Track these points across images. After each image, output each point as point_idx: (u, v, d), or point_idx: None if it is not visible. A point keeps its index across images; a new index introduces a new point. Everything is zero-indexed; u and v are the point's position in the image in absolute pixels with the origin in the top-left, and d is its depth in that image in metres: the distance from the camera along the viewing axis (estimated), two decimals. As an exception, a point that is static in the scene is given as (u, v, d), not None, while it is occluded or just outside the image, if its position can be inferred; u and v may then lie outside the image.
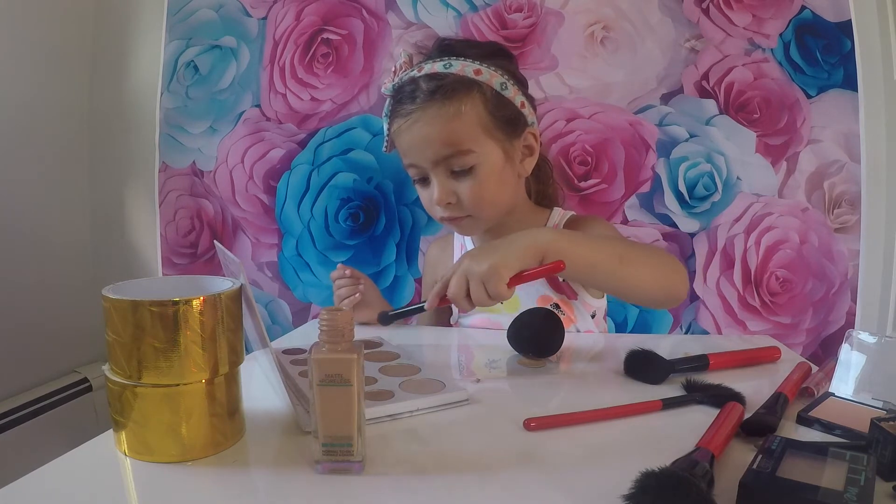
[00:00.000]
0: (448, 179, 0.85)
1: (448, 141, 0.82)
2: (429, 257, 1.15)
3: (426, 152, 0.84)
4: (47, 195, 1.44)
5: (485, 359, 0.81)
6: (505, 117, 0.85)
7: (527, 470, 0.48)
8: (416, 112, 0.83)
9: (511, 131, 0.86)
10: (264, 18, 1.46)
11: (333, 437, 0.46)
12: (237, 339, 0.52)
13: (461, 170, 0.84)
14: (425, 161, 0.84)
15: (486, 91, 0.83)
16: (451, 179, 0.85)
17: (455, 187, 0.85)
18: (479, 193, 0.85)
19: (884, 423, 0.47)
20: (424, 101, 0.82)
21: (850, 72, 1.32)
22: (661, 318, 1.40)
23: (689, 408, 0.60)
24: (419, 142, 0.84)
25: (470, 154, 0.83)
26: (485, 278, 0.65)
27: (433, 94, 0.82)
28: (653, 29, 1.36)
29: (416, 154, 0.85)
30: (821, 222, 1.36)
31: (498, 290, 0.65)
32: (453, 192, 0.85)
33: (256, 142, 1.48)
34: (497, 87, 0.84)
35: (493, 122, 0.84)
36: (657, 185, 1.38)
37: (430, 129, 0.82)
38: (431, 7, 1.41)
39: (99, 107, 1.53)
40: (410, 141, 0.84)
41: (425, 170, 0.86)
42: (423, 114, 0.82)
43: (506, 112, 0.85)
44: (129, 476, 0.47)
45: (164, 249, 1.53)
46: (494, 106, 0.84)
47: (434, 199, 0.85)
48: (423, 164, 0.85)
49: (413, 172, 0.88)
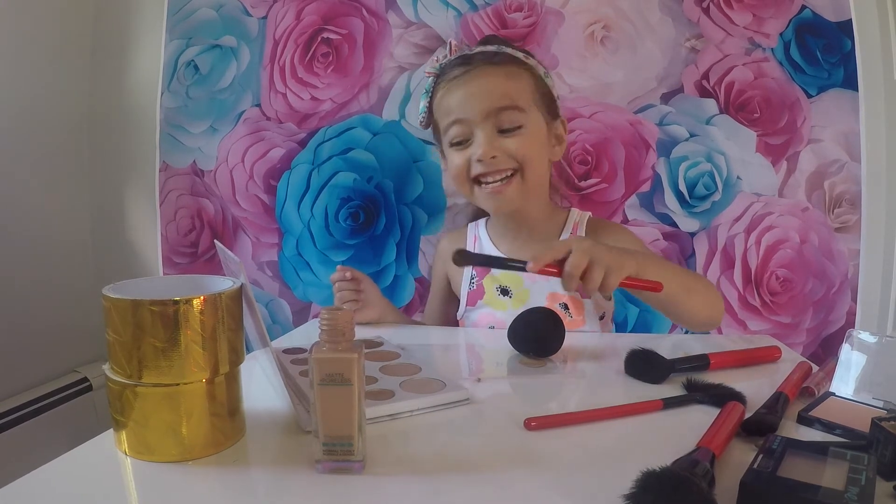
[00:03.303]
0: (495, 135, 0.88)
1: (505, 93, 0.87)
2: (440, 250, 1.15)
3: (482, 103, 0.87)
4: (47, 195, 1.44)
5: (485, 358, 0.81)
6: (547, 98, 0.93)
7: (527, 470, 0.48)
8: (474, 70, 0.88)
9: (551, 113, 0.94)
10: (264, 18, 1.46)
11: (334, 436, 0.46)
12: (237, 339, 0.52)
13: (510, 127, 0.87)
14: (477, 113, 0.87)
15: (534, 72, 0.92)
16: (498, 136, 0.88)
17: (501, 143, 0.88)
18: (527, 146, 0.88)
19: (884, 422, 0.47)
20: (482, 63, 0.88)
21: (850, 71, 1.32)
22: (662, 317, 1.39)
23: (690, 407, 0.60)
24: (476, 93, 0.87)
25: (522, 112, 0.87)
26: (611, 269, 0.65)
27: (492, 58, 0.89)
28: (653, 28, 1.36)
29: (468, 107, 0.88)
30: (821, 222, 1.36)
31: (614, 282, 0.65)
32: (499, 147, 0.87)
33: (257, 141, 1.48)
34: (541, 74, 0.93)
35: (540, 97, 0.91)
36: (657, 184, 1.38)
37: (489, 82, 0.87)
38: (431, 6, 1.41)
39: (99, 106, 1.53)
40: (464, 95, 0.88)
41: (471, 125, 0.88)
42: (482, 71, 0.88)
43: (547, 95, 0.93)
44: (129, 476, 0.47)
45: (164, 249, 1.53)
46: (539, 86, 0.92)
47: (479, 154, 0.87)
48: (473, 117, 0.87)
49: (455, 132, 0.90)
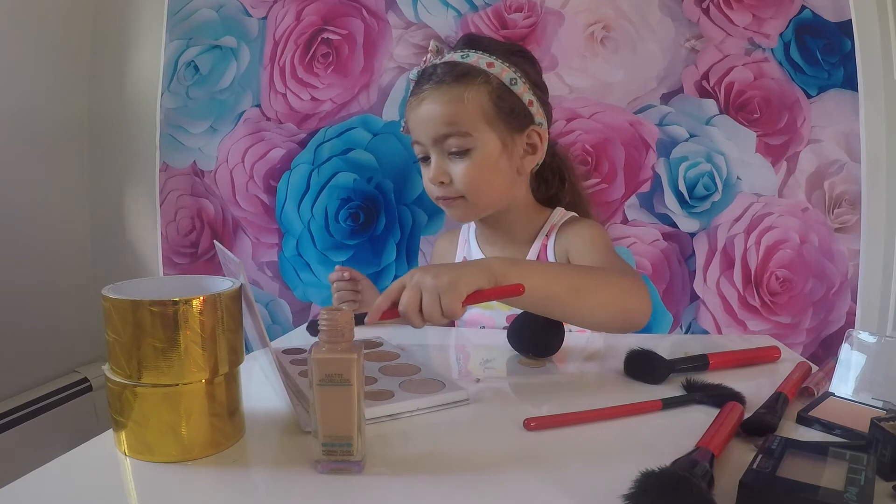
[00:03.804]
0: (444, 159, 0.89)
1: (448, 121, 0.87)
2: (436, 250, 1.17)
3: (428, 129, 0.88)
4: (47, 195, 1.44)
5: (485, 359, 0.81)
6: (508, 109, 0.89)
7: (527, 470, 0.48)
8: (426, 91, 0.88)
9: (513, 125, 0.90)
10: (264, 18, 1.46)
11: (333, 436, 0.46)
12: (237, 339, 0.52)
13: (458, 151, 0.88)
14: (426, 138, 0.89)
15: (494, 82, 0.88)
16: (448, 160, 0.89)
17: (450, 168, 0.89)
18: (470, 176, 0.88)
19: (884, 422, 0.47)
20: (436, 84, 0.88)
21: (850, 72, 1.32)
22: (662, 318, 1.40)
23: (689, 408, 0.60)
24: (424, 118, 0.89)
25: (467, 137, 0.87)
26: (442, 292, 0.61)
27: (444, 77, 0.88)
28: (653, 29, 1.36)
29: (420, 131, 0.90)
30: (821, 222, 1.36)
31: (454, 305, 0.61)
32: (447, 172, 0.89)
33: (257, 142, 1.48)
34: (506, 81, 0.89)
35: (496, 112, 0.88)
36: (657, 184, 1.38)
37: (434, 108, 0.87)
38: (431, 7, 1.41)
39: (99, 107, 1.53)
40: (417, 117, 0.90)
41: (426, 147, 0.90)
42: (431, 93, 0.88)
43: (510, 105, 0.89)
44: (129, 476, 0.47)
45: (164, 249, 1.53)
46: (499, 97, 0.88)
47: (429, 176, 0.90)
48: (425, 142, 0.90)
49: (417, 150, 0.93)
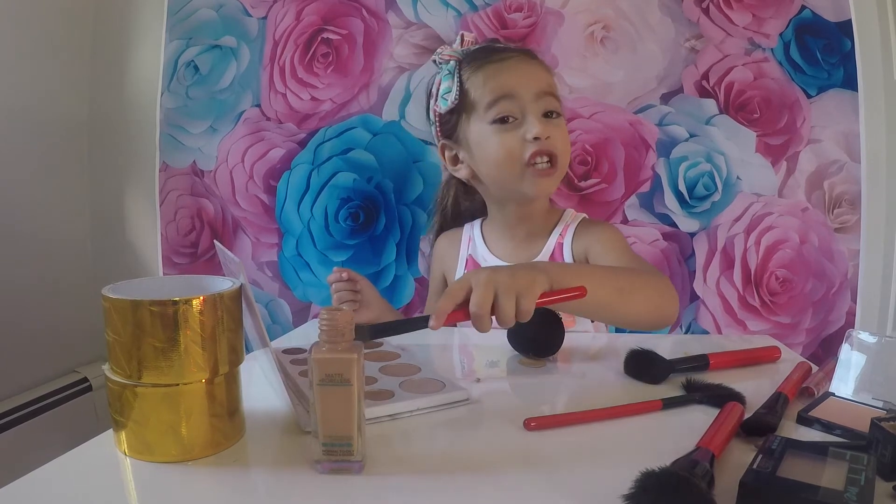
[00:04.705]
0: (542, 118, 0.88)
1: (549, 81, 0.89)
2: (437, 250, 1.14)
3: (531, 84, 0.87)
4: (47, 195, 1.44)
5: (485, 359, 0.81)
6: None
7: (527, 470, 0.48)
8: (514, 56, 0.89)
9: None
10: (264, 18, 1.46)
11: (333, 436, 0.46)
12: (237, 339, 0.52)
13: (553, 112, 0.88)
14: (529, 92, 0.87)
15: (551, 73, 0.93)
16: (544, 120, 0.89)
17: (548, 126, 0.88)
18: (566, 140, 0.90)
19: (884, 422, 0.47)
20: (521, 52, 0.91)
21: (850, 71, 1.32)
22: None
23: (689, 408, 0.60)
24: (525, 73, 0.88)
25: (559, 103, 0.90)
26: (520, 292, 0.59)
27: (525, 51, 0.92)
28: (653, 29, 1.36)
29: (524, 85, 0.87)
30: (821, 222, 1.36)
31: (529, 305, 0.59)
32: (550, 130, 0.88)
33: (256, 141, 1.48)
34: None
35: None
36: (657, 184, 1.38)
37: (535, 67, 0.90)
38: (431, 7, 1.41)
39: (99, 107, 1.53)
40: (517, 74, 0.89)
41: (523, 104, 0.87)
42: (523, 57, 0.90)
43: None
44: (129, 476, 0.47)
45: (164, 249, 1.53)
46: None
47: (535, 132, 0.86)
48: (527, 96, 0.87)
49: (505, 106, 0.87)
